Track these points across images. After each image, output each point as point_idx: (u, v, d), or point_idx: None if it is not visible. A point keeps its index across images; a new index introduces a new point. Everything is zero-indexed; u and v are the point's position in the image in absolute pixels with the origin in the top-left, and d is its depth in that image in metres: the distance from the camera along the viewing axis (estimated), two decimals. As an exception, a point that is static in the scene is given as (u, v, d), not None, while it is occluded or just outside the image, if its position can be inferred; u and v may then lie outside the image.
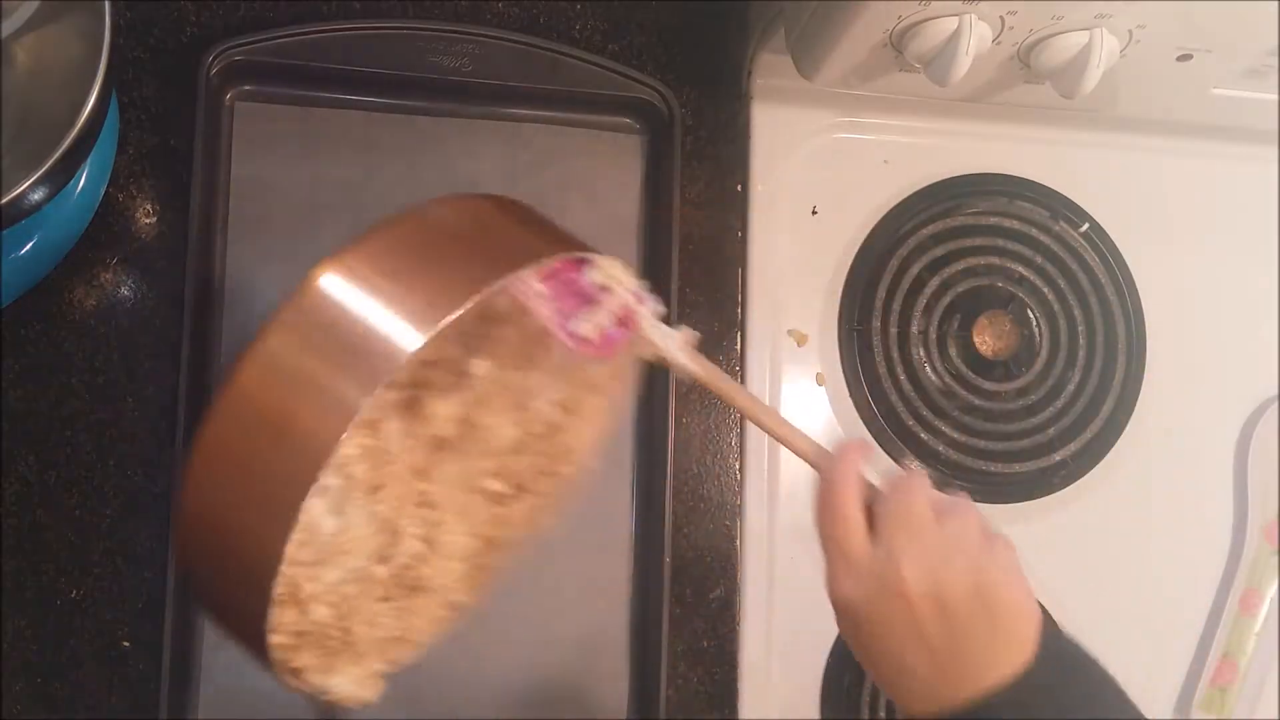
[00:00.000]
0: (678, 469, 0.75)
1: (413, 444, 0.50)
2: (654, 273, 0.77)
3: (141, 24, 0.72)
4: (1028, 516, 0.81)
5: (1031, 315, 0.82)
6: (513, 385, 0.52)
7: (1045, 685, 0.48)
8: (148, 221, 0.72)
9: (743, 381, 0.78)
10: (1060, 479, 0.81)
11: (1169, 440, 0.84)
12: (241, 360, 0.43)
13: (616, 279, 0.50)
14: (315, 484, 0.41)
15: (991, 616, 0.48)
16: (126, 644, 0.68)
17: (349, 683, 0.50)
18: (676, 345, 0.52)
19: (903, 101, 0.79)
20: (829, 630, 0.77)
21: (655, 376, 0.75)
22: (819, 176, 0.82)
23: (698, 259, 0.79)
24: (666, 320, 0.53)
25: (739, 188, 0.80)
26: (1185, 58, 0.71)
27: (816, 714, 0.77)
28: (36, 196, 0.57)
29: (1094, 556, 0.82)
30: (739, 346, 0.79)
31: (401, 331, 0.42)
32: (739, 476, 0.78)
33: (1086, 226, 0.84)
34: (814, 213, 0.82)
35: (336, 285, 0.43)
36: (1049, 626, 0.49)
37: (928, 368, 0.80)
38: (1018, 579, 0.49)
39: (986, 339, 0.80)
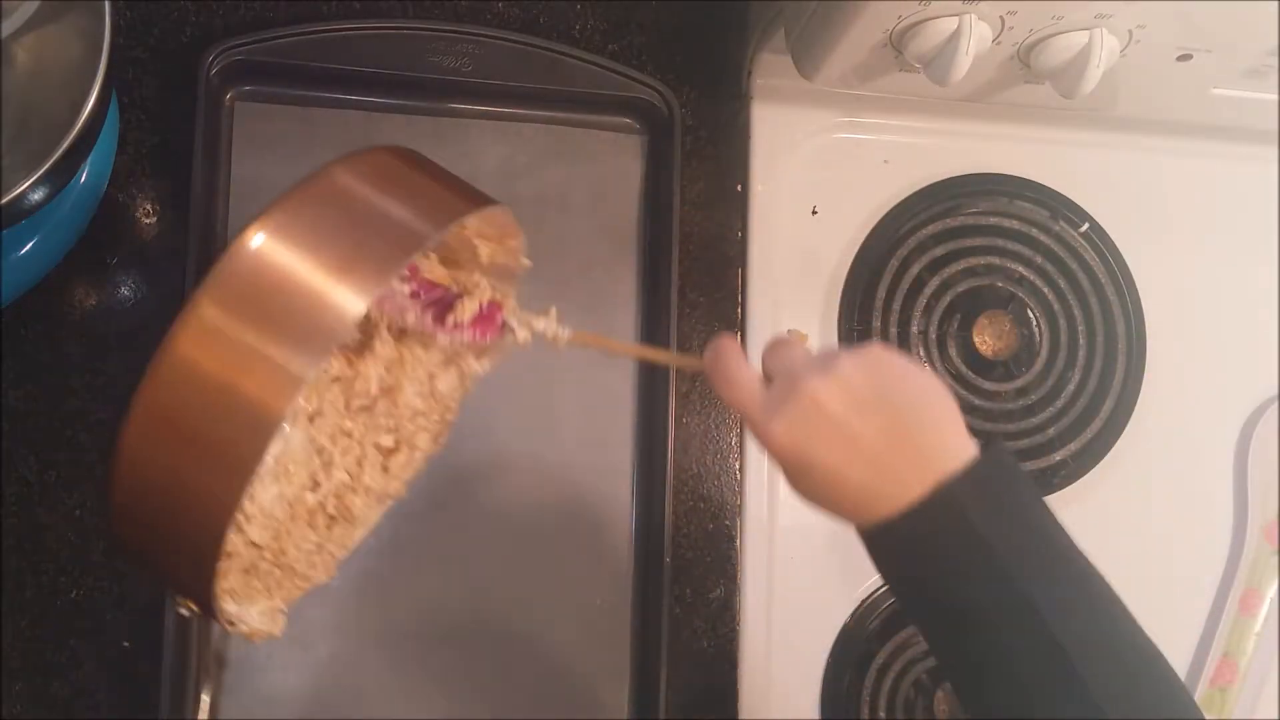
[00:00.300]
0: (678, 469, 0.75)
1: (338, 392, 0.53)
2: (654, 273, 0.77)
3: (141, 24, 0.72)
4: (1028, 516, 0.81)
5: (1031, 315, 0.82)
6: (418, 359, 0.56)
7: (996, 475, 0.49)
8: (148, 221, 0.72)
9: (743, 381, 0.78)
10: (1060, 479, 0.81)
11: (1169, 440, 0.84)
12: (180, 324, 0.43)
13: (475, 282, 0.54)
14: (268, 446, 0.43)
15: (915, 405, 0.49)
16: (126, 644, 0.68)
17: (259, 615, 0.51)
18: (539, 328, 0.55)
19: (903, 101, 0.79)
20: (829, 630, 0.78)
21: (655, 377, 0.75)
22: (819, 176, 0.82)
23: (698, 259, 0.79)
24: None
25: (739, 188, 0.80)
26: (1185, 58, 0.71)
27: (816, 714, 0.78)
28: (36, 196, 0.57)
29: (1093, 556, 0.81)
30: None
31: (344, 298, 0.44)
32: (739, 476, 0.78)
33: (1086, 226, 0.84)
34: (814, 213, 0.82)
35: (270, 248, 0.44)
36: (991, 456, 0.50)
37: (927, 368, 0.80)
38: (904, 366, 0.50)
39: (986, 339, 0.80)
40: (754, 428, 0.51)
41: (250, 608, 0.51)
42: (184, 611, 0.48)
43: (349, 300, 0.44)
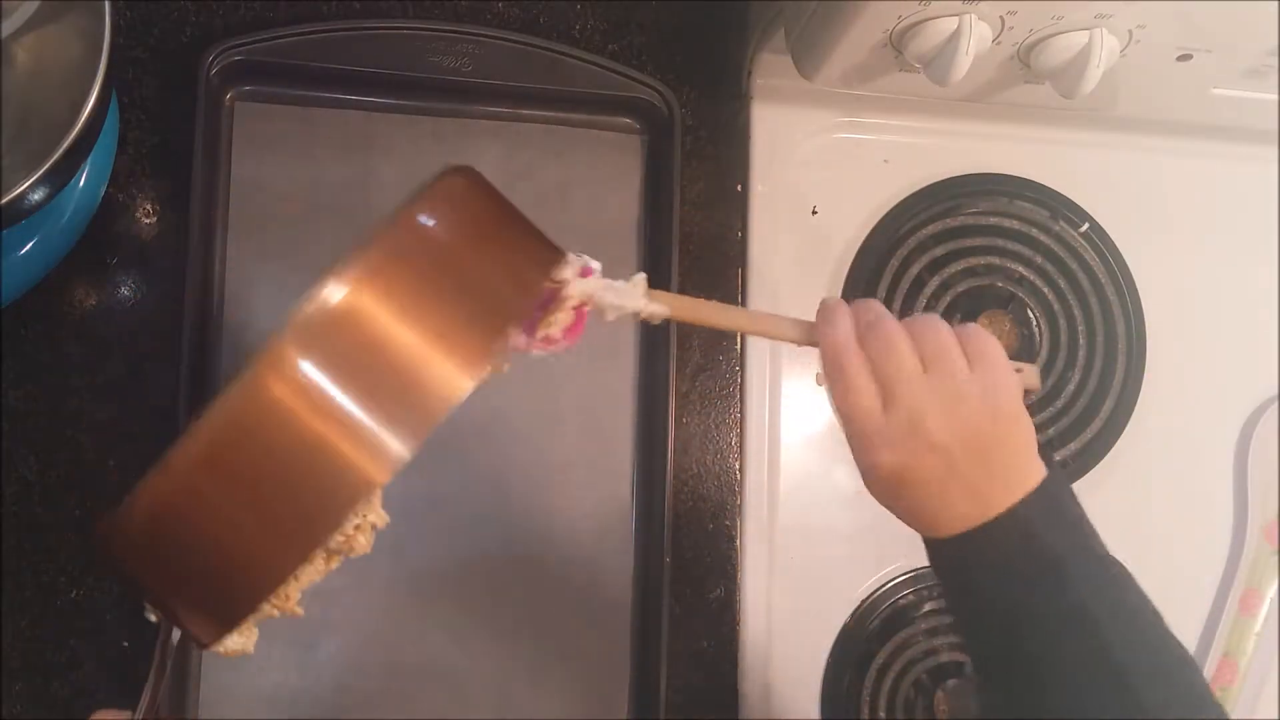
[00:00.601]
0: (678, 469, 0.75)
1: None
2: (654, 273, 0.77)
3: (141, 24, 0.72)
4: (1028, 516, 0.81)
5: (1031, 315, 0.82)
6: None
7: (1058, 492, 0.51)
8: (148, 221, 0.72)
9: (743, 382, 0.78)
10: (1060, 479, 0.81)
11: (1169, 440, 0.84)
12: (266, 365, 0.39)
13: (565, 276, 0.50)
14: (341, 524, 0.40)
15: (1008, 434, 0.51)
16: (126, 644, 0.68)
17: (238, 636, 0.49)
18: (638, 297, 0.52)
19: (903, 101, 0.79)
20: (829, 630, 0.78)
21: (655, 377, 0.75)
22: (819, 176, 0.82)
23: (698, 259, 0.79)
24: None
25: (739, 188, 0.80)
26: (1185, 58, 0.70)
27: (816, 714, 0.78)
28: (36, 196, 0.57)
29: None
30: (739, 346, 0.79)
31: (442, 382, 0.40)
32: (739, 476, 0.78)
33: (1086, 226, 0.84)
34: (814, 213, 0.82)
35: (367, 301, 0.40)
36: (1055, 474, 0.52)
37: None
38: (1009, 391, 0.51)
39: (986, 339, 0.80)
40: (859, 447, 0.51)
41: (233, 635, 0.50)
42: (152, 617, 0.46)
43: (454, 378, 0.40)
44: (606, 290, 0.51)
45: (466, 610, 0.73)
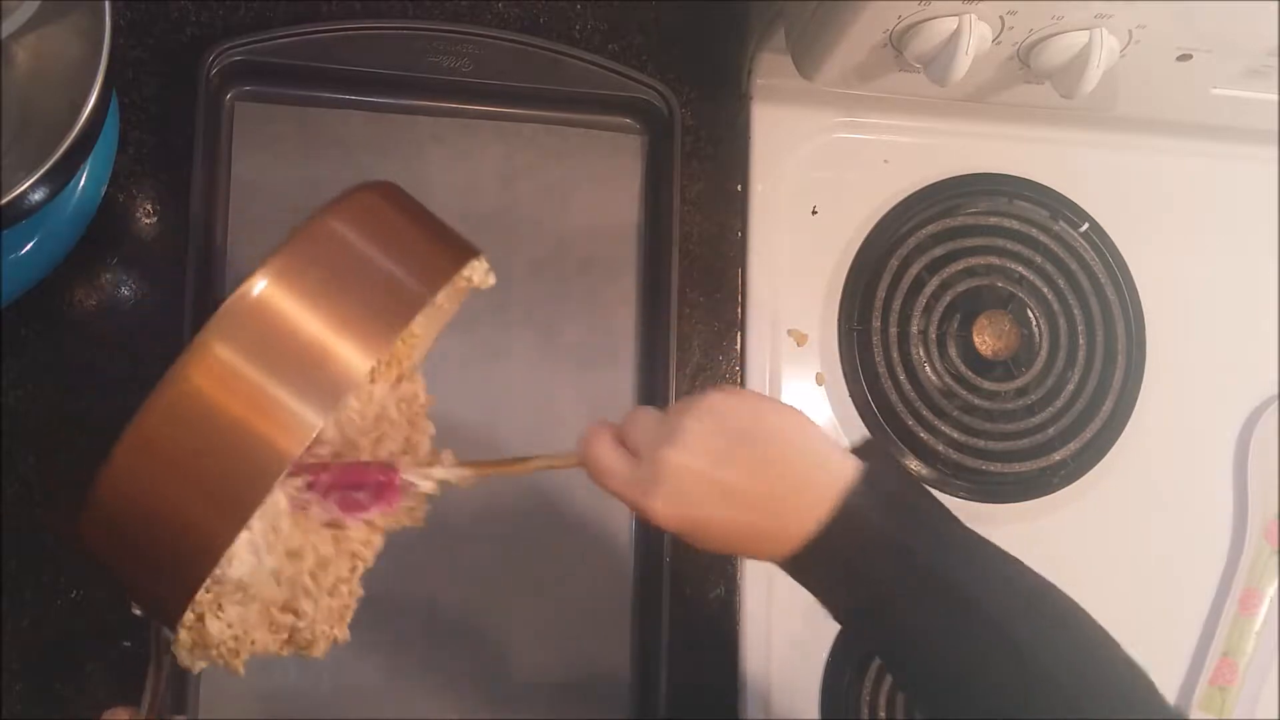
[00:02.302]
0: (678, 469, 0.75)
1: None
2: (654, 273, 0.77)
3: (142, 24, 0.72)
4: (1028, 516, 0.81)
5: (1031, 315, 0.82)
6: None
7: (871, 510, 0.51)
8: (148, 221, 0.72)
9: (743, 382, 0.78)
10: (1060, 479, 0.81)
11: (1169, 440, 0.84)
12: (190, 355, 0.44)
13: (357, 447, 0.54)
14: (270, 489, 0.44)
15: (771, 439, 0.51)
16: (126, 644, 0.68)
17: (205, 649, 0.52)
18: (440, 477, 0.56)
19: (903, 101, 0.79)
20: (829, 630, 0.78)
21: (655, 377, 0.75)
22: (819, 176, 0.82)
23: (698, 259, 0.79)
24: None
25: (739, 188, 0.80)
26: (1185, 58, 0.71)
27: (816, 714, 0.77)
28: (37, 196, 0.57)
29: (1093, 556, 0.82)
30: (739, 346, 0.79)
31: (351, 354, 0.45)
32: (739, 476, 0.78)
33: (1086, 226, 0.84)
34: (814, 213, 0.82)
35: (277, 296, 0.46)
36: (874, 464, 0.52)
37: (927, 367, 0.80)
38: (765, 404, 0.53)
39: (986, 339, 0.80)
40: (638, 511, 0.52)
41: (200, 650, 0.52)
42: (137, 611, 0.49)
43: (355, 357, 0.46)
44: (411, 481, 0.55)
45: (465, 610, 0.73)
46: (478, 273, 0.53)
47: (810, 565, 0.51)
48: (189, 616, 0.49)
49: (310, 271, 0.46)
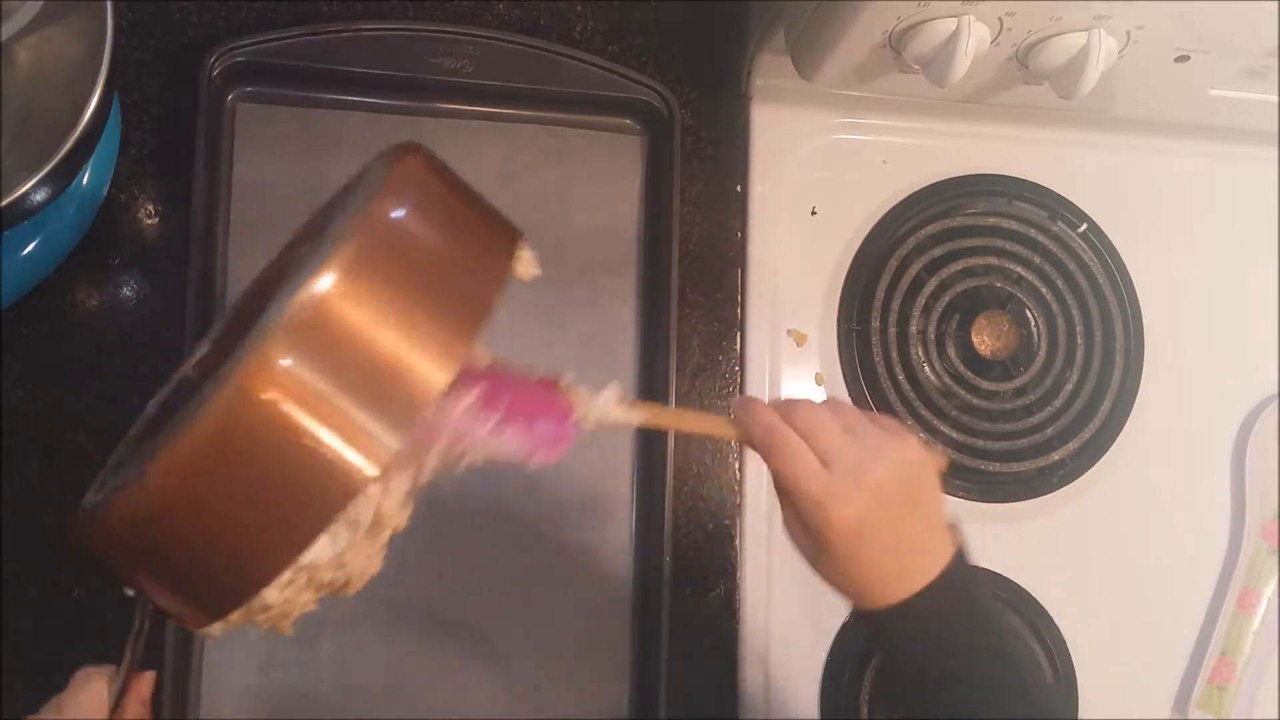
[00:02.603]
0: (678, 469, 0.76)
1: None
2: (654, 273, 0.77)
3: (143, 25, 0.73)
4: (1027, 516, 0.81)
5: (1030, 315, 0.82)
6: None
7: (965, 575, 0.54)
8: (149, 222, 0.72)
9: (742, 382, 0.78)
10: (1059, 478, 0.82)
11: (1167, 440, 0.84)
12: (253, 363, 0.39)
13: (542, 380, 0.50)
14: (336, 517, 0.41)
15: (929, 492, 0.54)
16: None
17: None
18: (613, 405, 0.53)
19: (902, 102, 0.79)
20: (829, 630, 0.78)
21: (655, 377, 0.75)
22: (819, 176, 0.82)
23: (698, 259, 0.79)
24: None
25: (739, 188, 0.80)
26: (1183, 59, 0.71)
27: (816, 714, 0.78)
28: (39, 197, 0.57)
29: (1092, 555, 0.82)
30: (739, 346, 0.79)
31: (428, 371, 0.41)
32: (739, 476, 0.78)
33: (1085, 227, 0.84)
34: (814, 213, 0.82)
35: (344, 298, 0.40)
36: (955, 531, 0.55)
37: (926, 367, 0.81)
38: (923, 452, 0.54)
39: (985, 339, 0.81)
40: (815, 507, 0.52)
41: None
42: (129, 592, 0.46)
43: (434, 373, 0.41)
44: (583, 399, 0.52)
45: (466, 610, 0.74)
46: (522, 262, 0.48)
47: (911, 614, 0.52)
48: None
49: (375, 270, 0.41)
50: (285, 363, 0.39)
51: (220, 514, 0.41)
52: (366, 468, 0.40)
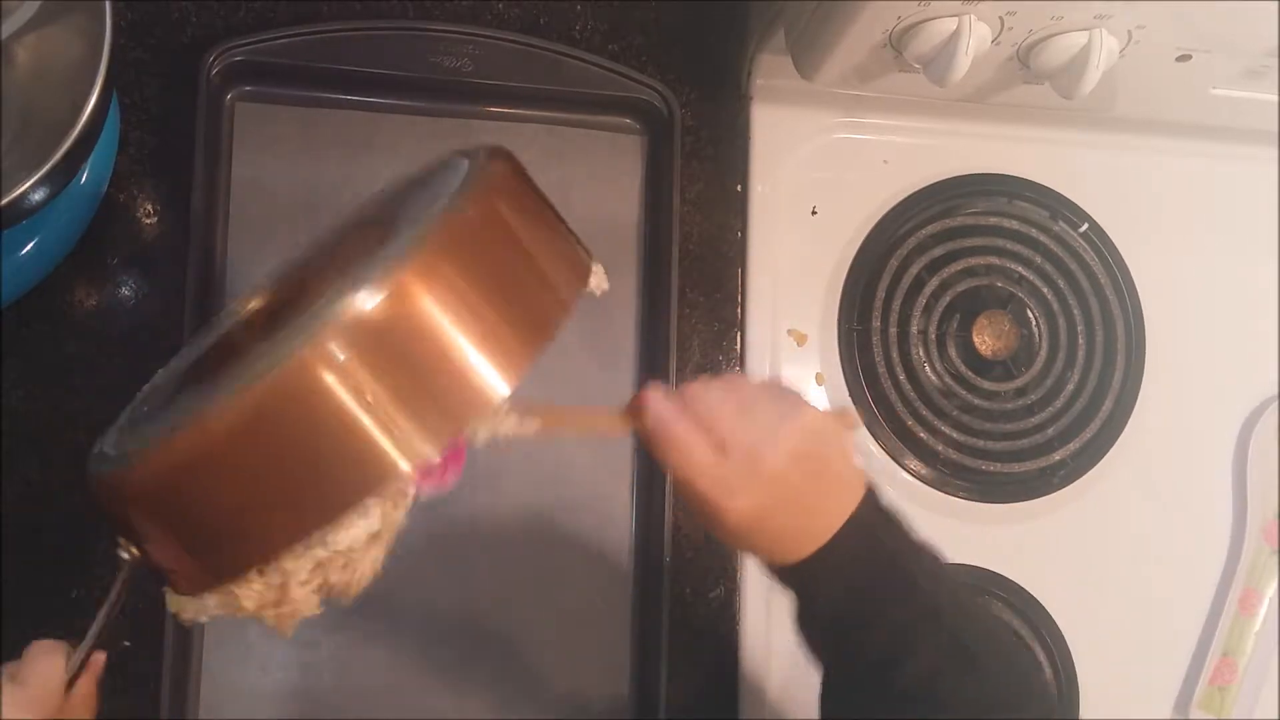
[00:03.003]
0: (678, 469, 0.75)
1: None
2: (654, 273, 0.77)
3: (142, 24, 0.73)
4: (1028, 516, 0.81)
5: (1031, 315, 0.82)
6: None
7: (870, 520, 0.53)
8: (148, 222, 0.72)
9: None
10: (1060, 479, 0.81)
11: (1168, 440, 0.84)
12: (302, 347, 0.39)
13: None
14: (363, 501, 0.41)
15: (831, 449, 0.53)
16: (127, 643, 0.68)
17: (215, 603, 0.48)
18: (502, 416, 0.49)
19: (902, 101, 0.79)
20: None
21: (655, 377, 0.75)
22: (819, 176, 0.82)
23: (698, 259, 0.79)
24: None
25: (739, 188, 0.80)
26: (1184, 58, 0.71)
27: (816, 714, 0.77)
28: (38, 197, 0.57)
29: (1093, 556, 0.82)
30: (739, 346, 0.79)
31: (480, 388, 0.41)
32: (739, 476, 0.78)
33: (1086, 226, 0.84)
34: (814, 213, 0.82)
35: (415, 306, 0.40)
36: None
37: (927, 367, 0.81)
38: (816, 411, 0.53)
39: (986, 339, 0.81)
40: (705, 504, 0.51)
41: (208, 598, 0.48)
42: (125, 555, 0.46)
43: (492, 385, 0.41)
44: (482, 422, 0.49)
45: (466, 610, 0.74)
46: (595, 275, 0.48)
47: (817, 568, 0.52)
48: (266, 585, 0.45)
49: (451, 270, 0.41)
50: (347, 345, 0.39)
51: (254, 478, 0.41)
52: (396, 468, 0.40)
